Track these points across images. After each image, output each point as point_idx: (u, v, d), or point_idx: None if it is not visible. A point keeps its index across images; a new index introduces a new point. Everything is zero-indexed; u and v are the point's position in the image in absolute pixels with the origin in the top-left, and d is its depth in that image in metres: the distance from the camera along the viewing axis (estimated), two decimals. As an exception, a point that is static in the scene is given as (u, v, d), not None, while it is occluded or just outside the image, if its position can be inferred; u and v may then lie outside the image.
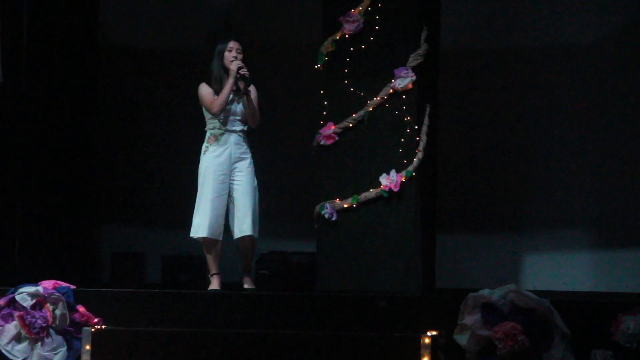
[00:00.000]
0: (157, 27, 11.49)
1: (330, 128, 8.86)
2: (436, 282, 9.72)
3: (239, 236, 8.50)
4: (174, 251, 10.74)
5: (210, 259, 8.56)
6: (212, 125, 8.60)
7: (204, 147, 8.60)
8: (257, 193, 8.60)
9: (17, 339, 7.84)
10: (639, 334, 7.20)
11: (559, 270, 10.62)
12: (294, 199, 8.90)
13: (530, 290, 7.48)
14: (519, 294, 7.36)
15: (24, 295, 7.84)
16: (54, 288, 7.86)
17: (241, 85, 8.55)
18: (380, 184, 8.83)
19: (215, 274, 8.55)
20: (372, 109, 8.89)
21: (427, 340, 7.22)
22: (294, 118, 10.71)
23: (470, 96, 10.89)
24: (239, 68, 8.45)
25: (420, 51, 8.89)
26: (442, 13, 9.62)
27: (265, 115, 11.14)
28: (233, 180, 8.54)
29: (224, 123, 8.53)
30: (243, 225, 8.48)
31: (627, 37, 10.69)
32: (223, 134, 8.51)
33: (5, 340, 7.82)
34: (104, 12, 11.40)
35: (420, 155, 8.83)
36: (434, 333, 7.31)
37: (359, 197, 8.84)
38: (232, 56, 8.54)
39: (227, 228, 8.74)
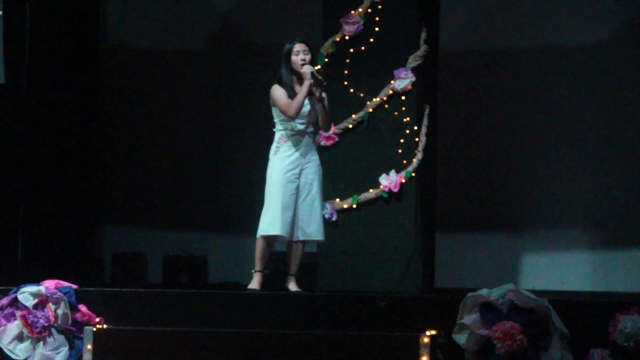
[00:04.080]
0: (158, 28, 11.52)
1: (330, 129, 8.88)
2: (436, 282, 9.74)
3: (303, 239, 8.31)
4: (175, 251, 10.77)
5: (260, 256, 8.35)
6: (283, 126, 8.33)
7: (274, 148, 8.31)
8: (321, 196, 8.39)
9: (19, 338, 7.86)
10: (636, 334, 7.22)
11: (557, 270, 10.63)
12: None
13: (529, 290, 7.50)
14: (518, 293, 7.37)
15: (26, 294, 7.86)
16: (56, 288, 7.88)
17: (316, 91, 8.23)
18: (379, 184, 8.86)
19: (259, 271, 8.41)
20: (372, 110, 8.93)
21: (426, 340, 7.24)
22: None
23: (470, 97, 10.91)
24: (312, 73, 8.18)
25: (419, 52, 8.92)
26: (442, 14, 9.63)
27: (265, 115, 11.19)
28: (301, 181, 8.39)
29: (295, 124, 8.42)
30: (308, 229, 8.34)
31: (627, 38, 10.70)
32: (294, 135, 8.35)
33: (7, 339, 7.84)
34: (105, 12, 11.43)
35: (419, 155, 8.86)
36: (433, 332, 7.33)
37: (358, 197, 8.87)
38: (300, 59, 8.31)
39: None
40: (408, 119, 8.87)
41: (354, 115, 8.94)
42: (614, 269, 10.51)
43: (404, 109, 8.88)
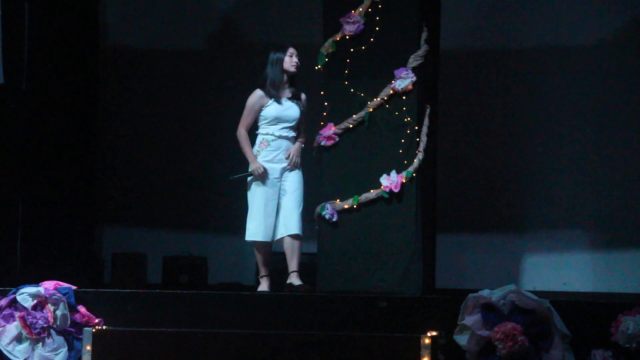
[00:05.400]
0: (158, 28, 11.51)
1: (331, 129, 8.86)
2: (436, 282, 9.73)
3: (285, 234, 8.48)
4: (175, 252, 10.75)
5: (261, 261, 8.52)
6: (265, 130, 8.52)
7: (254, 151, 8.52)
8: (302, 196, 8.61)
9: (18, 339, 7.85)
10: (638, 335, 7.21)
11: (559, 270, 10.63)
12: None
13: (530, 291, 7.49)
14: (519, 294, 7.37)
15: (25, 295, 7.85)
16: (55, 289, 7.87)
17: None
18: (380, 184, 8.84)
19: (265, 275, 8.52)
20: (373, 109, 8.91)
21: (427, 341, 7.24)
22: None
23: (470, 97, 10.90)
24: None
25: (420, 52, 8.91)
26: (442, 14, 9.62)
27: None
28: (282, 183, 8.48)
29: (277, 129, 8.49)
30: (289, 224, 8.47)
31: (627, 38, 10.70)
32: (275, 139, 8.45)
33: (6, 340, 7.83)
34: (105, 12, 11.42)
35: (420, 156, 8.84)
36: (434, 333, 7.32)
37: (359, 197, 8.85)
38: (293, 61, 8.48)
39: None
40: (409, 119, 8.85)
41: (354, 115, 8.92)
42: (615, 270, 10.51)
43: (404, 108, 8.86)
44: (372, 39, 8.95)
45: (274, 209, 8.47)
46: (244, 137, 8.56)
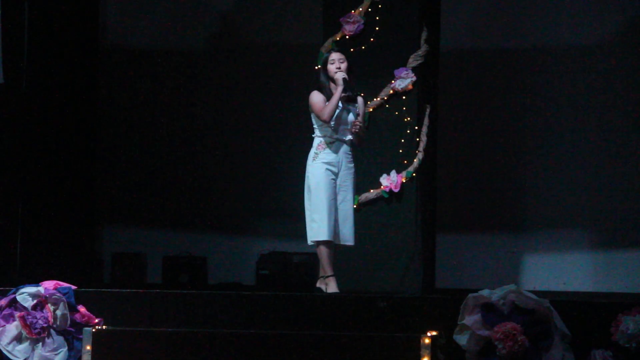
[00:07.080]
0: (157, 28, 11.52)
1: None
2: (436, 282, 9.73)
3: (341, 243, 8.36)
4: (175, 251, 10.76)
5: (326, 261, 8.38)
6: (323, 133, 8.38)
7: (312, 154, 8.35)
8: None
9: (18, 339, 7.84)
10: (638, 334, 7.21)
11: (558, 270, 10.63)
12: (294, 199, 8.90)
13: (530, 291, 7.49)
14: (519, 294, 7.36)
15: (25, 295, 7.85)
16: (55, 288, 7.86)
17: (344, 100, 8.33)
18: (380, 184, 8.85)
19: (331, 276, 8.42)
20: (373, 109, 8.92)
21: (427, 341, 7.23)
22: (294, 118, 10.74)
23: (470, 97, 10.91)
24: (344, 79, 8.27)
25: (420, 52, 8.92)
26: (442, 14, 9.63)
27: (265, 115, 11.18)
28: (338, 186, 8.40)
29: (335, 132, 8.37)
30: (341, 234, 8.34)
31: (627, 38, 10.71)
32: (333, 142, 8.38)
33: (6, 340, 7.83)
34: (105, 12, 11.42)
35: (420, 155, 8.85)
36: (434, 333, 7.32)
37: (359, 197, 8.86)
38: (335, 67, 8.39)
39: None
40: (409, 118, 8.86)
41: (354, 115, 8.92)
42: (615, 270, 10.51)
43: (404, 108, 8.87)
44: (372, 39, 8.95)
45: (334, 208, 8.32)
46: (327, 110, 8.26)
